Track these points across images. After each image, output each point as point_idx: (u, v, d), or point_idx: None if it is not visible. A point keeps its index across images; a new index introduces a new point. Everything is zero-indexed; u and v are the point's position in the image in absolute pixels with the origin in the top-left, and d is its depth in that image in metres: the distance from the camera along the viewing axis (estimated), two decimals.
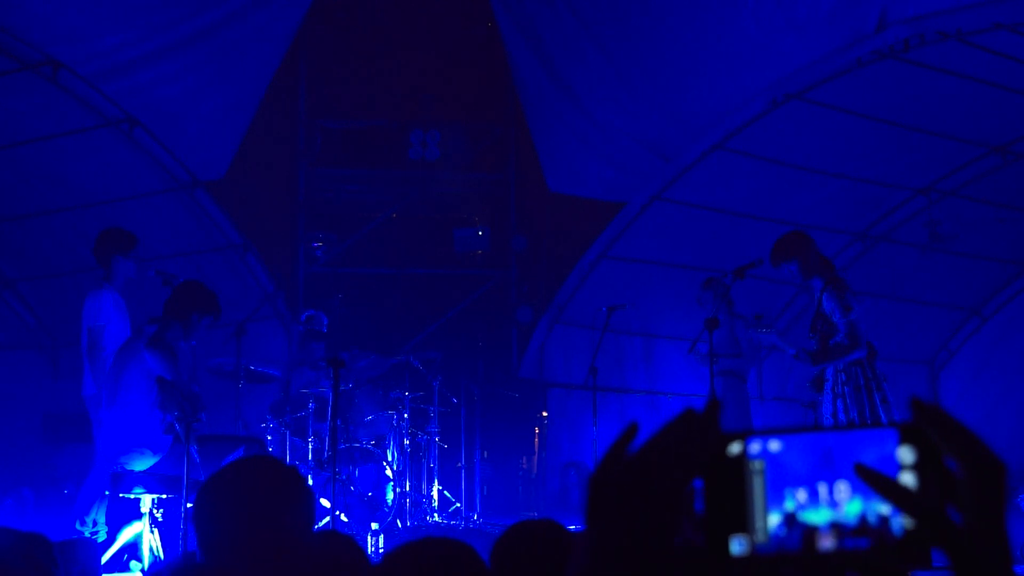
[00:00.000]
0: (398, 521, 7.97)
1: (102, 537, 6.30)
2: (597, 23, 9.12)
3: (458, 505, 8.94)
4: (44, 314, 10.14)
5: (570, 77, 9.58)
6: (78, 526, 6.36)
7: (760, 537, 1.00)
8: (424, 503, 8.49)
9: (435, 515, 8.50)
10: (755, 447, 1.01)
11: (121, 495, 6.18)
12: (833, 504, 0.99)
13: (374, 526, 7.63)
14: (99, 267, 7.07)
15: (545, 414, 10.45)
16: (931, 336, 11.31)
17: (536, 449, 10.66)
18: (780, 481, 1.00)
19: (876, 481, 0.97)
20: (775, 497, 1.00)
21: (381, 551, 7.19)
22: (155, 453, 6.14)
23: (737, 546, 1.00)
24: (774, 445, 1.01)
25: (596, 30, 9.14)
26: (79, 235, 8.58)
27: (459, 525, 8.44)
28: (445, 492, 8.89)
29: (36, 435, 9.82)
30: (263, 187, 10.84)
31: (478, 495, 9.49)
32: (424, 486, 8.65)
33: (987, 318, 11.20)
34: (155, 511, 6.11)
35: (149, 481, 6.11)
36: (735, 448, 1.01)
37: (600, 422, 8.33)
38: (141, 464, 6.13)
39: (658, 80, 9.06)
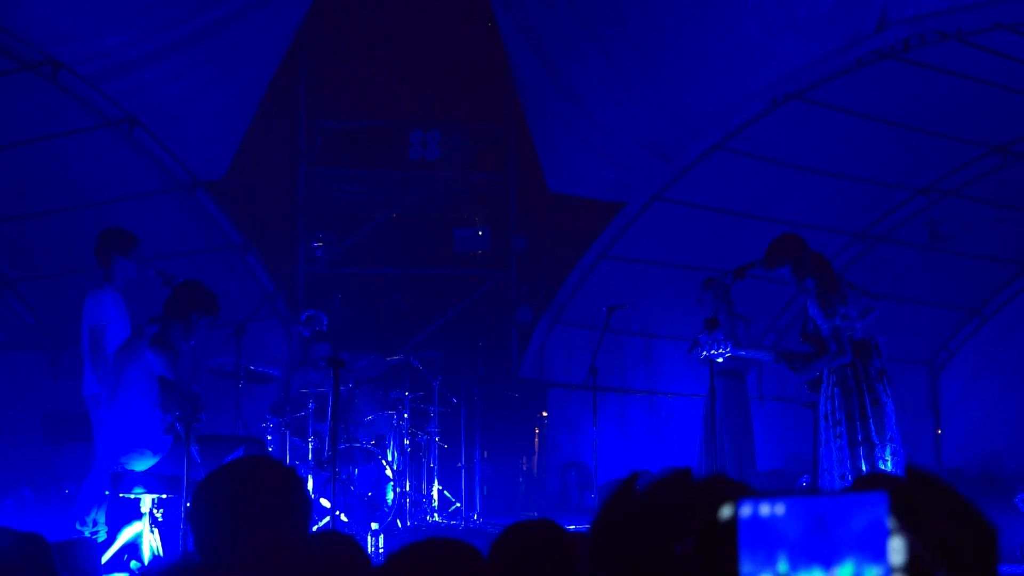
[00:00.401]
0: (398, 521, 7.97)
1: (102, 537, 6.29)
2: (597, 23, 9.13)
3: (458, 505, 8.93)
4: (44, 314, 10.14)
5: (570, 77, 9.59)
6: (78, 526, 6.36)
7: None
8: (424, 503, 8.49)
9: (435, 515, 8.50)
10: (746, 511, 1.02)
11: (121, 495, 6.17)
12: (826, 566, 1.00)
13: (374, 526, 7.63)
14: (99, 267, 7.06)
15: (545, 414, 10.45)
16: (931, 336, 11.31)
17: (536, 449, 10.66)
18: (772, 544, 1.01)
19: None
20: (767, 559, 1.01)
21: (381, 551, 7.19)
22: (155, 453, 6.13)
23: None
24: (765, 509, 1.02)
25: (596, 30, 9.14)
26: (79, 235, 8.57)
27: (459, 525, 8.44)
28: (445, 492, 8.89)
29: (36, 435, 9.82)
30: (263, 187, 10.84)
31: (478, 495, 9.48)
32: (424, 486, 8.65)
33: (987, 318, 11.20)
34: (155, 511, 6.10)
35: (149, 481, 6.11)
36: (727, 512, 1.02)
37: (600, 422, 8.32)
38: (141, 464, 6.12)
39: (658, 80, 9.07)
